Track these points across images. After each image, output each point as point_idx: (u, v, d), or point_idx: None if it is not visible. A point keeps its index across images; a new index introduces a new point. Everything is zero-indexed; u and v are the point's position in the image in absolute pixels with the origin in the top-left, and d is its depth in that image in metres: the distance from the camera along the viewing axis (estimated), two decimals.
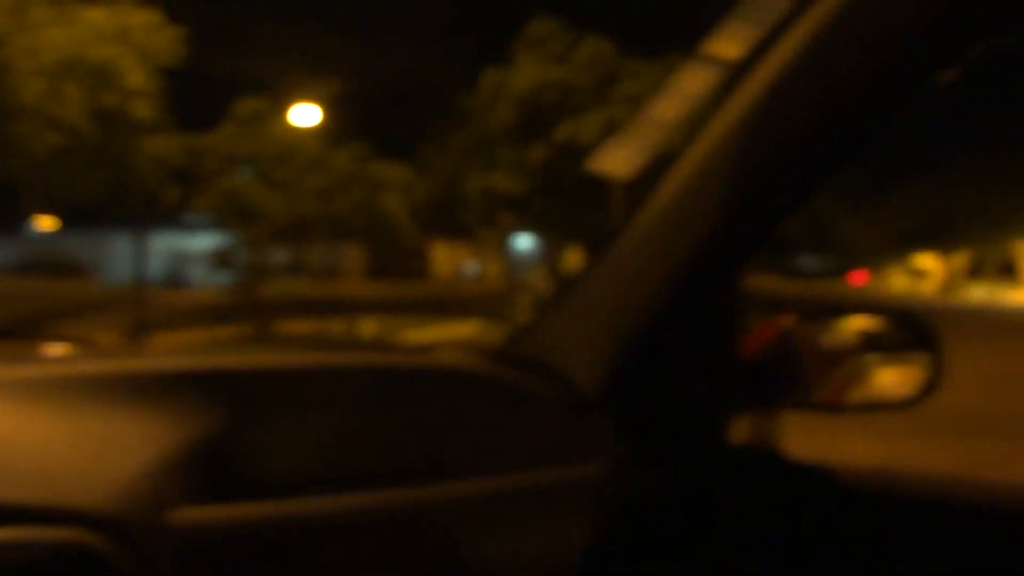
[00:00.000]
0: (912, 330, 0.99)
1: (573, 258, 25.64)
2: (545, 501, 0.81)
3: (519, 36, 22.88)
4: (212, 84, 23.05)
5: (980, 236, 38.82)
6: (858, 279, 62.66)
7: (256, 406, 0.78)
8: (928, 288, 48.56)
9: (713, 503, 0.91)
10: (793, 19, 0.70)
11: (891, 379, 0.99)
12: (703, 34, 0.65)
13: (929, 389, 0.95)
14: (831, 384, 0.98)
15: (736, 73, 0.75)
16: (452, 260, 35.85)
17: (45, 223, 30.87)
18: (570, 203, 22.05)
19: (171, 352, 1.00)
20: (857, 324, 1.01)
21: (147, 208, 19.35)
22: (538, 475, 0.81)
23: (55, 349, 1.09)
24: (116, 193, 17.25)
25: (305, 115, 20.85)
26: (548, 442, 0.83)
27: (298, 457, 0.76)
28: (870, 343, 0.99)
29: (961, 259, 46.84)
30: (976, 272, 48.81)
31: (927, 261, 50.46)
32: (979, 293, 40.31)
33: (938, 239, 43.08)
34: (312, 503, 0.74)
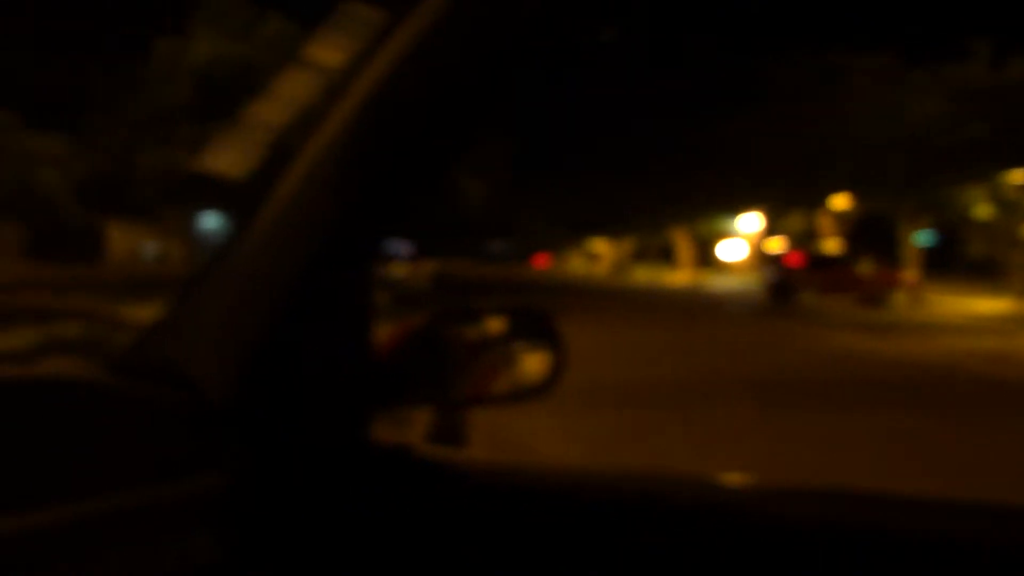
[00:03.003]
0: (539, 326, 1.04)
1: None
2: (167, 519, 0.77)
3: (196, 6, 21.57)
4: None
5: (643, 224, 43.59)
6: (541, 262, 67.68)
7: None
8: (601, 270, 53.80)
9: (350, 507, 0.91)
10: (391, 30, 0.74)
11: (535, 366, 1.02)
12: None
13: (556, 376, 1.00)
14: (475, 377, 1.00)
15: (341, 78, 0.78)
16: (130, 241, 33.05)
17: None
18: (260, 181, 21.22)
19: None
20: (497, 321, 1.03)
21: None
22: (157, 491, 0.76)
23: None
24: None
25: None
26: (169, 456, 0.79)
27: None
28: (513, 333, 1.03)
29: (628, 244, 52.44)
30: (641, 256, 54.93)
31: (600, 246, 55.75)
32: (643, 275, 45.45)
33: (609, 227, 47.66)
34: None
